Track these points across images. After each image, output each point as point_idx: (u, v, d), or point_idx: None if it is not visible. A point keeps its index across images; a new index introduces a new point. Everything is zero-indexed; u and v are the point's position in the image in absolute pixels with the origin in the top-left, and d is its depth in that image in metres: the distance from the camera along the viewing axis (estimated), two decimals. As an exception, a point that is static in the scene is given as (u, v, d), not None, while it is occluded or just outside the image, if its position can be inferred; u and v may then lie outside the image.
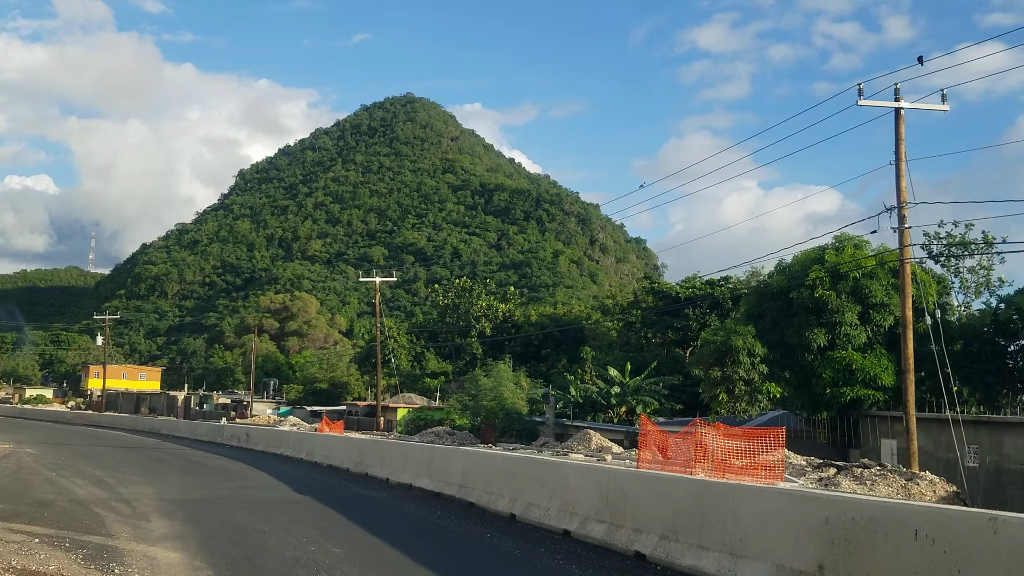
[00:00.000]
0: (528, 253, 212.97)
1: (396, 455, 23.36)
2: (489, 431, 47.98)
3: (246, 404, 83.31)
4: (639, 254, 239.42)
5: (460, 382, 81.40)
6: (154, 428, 56.81)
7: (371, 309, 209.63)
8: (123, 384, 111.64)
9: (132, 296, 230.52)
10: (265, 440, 37.83)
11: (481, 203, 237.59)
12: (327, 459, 29.21)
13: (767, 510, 8.91)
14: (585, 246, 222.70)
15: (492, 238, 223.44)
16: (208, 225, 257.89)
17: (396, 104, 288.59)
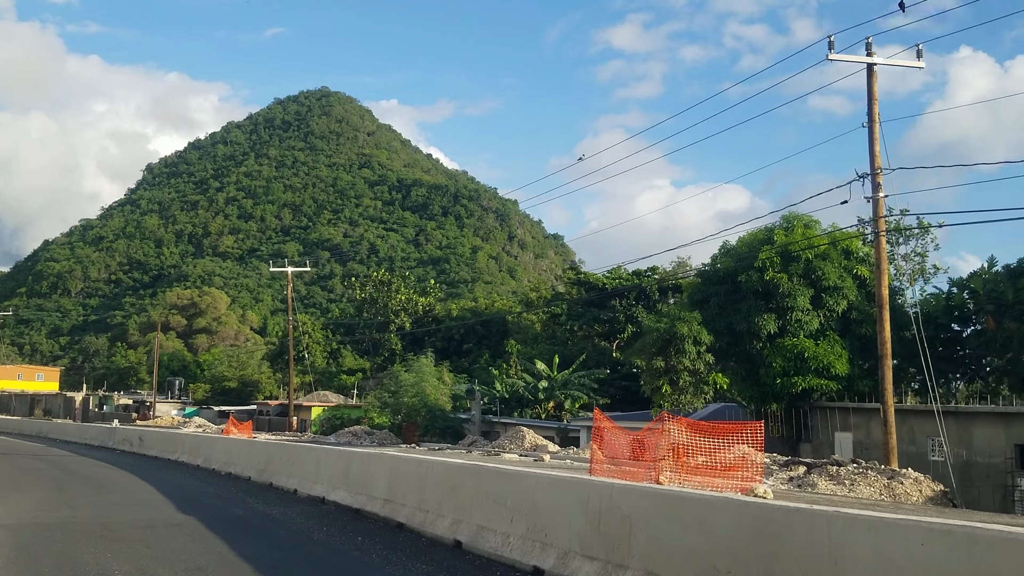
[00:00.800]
0: (446, 249, 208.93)
1: (306, 461, 19.42)
2: (411, 430, 44.08)
3: (149, 405, 77.41)
4: (557, 249, 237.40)
5: (379, 379, 77.10)
6: (42, 432, 51.19)
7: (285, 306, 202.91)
8: (18, 385, 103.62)
9: (33, 294, 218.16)
10: (159, 444, 33.24)
11: (399, 198, 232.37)
12: (227, 466, 25.04)
13: (893, 555, 5.47)
14: (503, 242, 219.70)
15: (410, 234, 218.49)
16: (114, 221, 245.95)
17: (311, 98, 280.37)
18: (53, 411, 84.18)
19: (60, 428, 49.08)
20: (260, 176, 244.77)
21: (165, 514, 15.62)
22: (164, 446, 32.54)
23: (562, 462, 29.38)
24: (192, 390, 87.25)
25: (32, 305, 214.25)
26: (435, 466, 13.15)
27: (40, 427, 51.97)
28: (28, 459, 31.64)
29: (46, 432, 50.34)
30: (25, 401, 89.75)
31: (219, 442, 27.56)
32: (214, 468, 25.98)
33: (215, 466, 26.04)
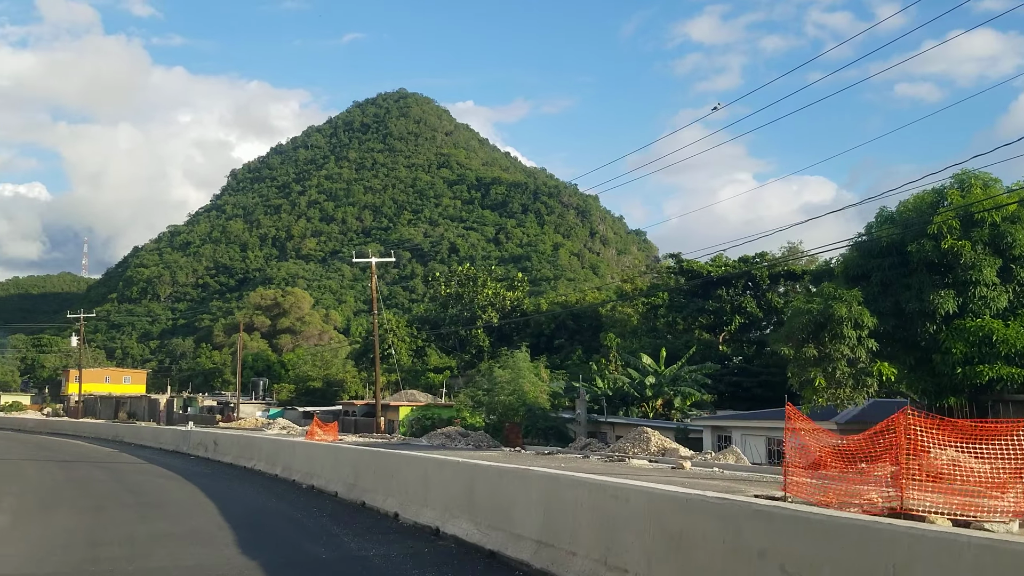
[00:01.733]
0: (527, 247, 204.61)
1: (410, 476, 14.61)
2: (514, 431, 39.19)
3: (232, 406, 74.43)
4: (640, 246, 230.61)
5: (468, 376, 72.63)
6: (118, 435, 47.98)
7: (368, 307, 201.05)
8: (106, 388, 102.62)
9: (124, 300, 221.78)
10: (235, 450, 29.03)
11: (478, 197, 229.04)
12: (309, 477, 20.51)
13: None
14: (585, 238, 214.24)
15: (490, 232, 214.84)
16: (200, 226, 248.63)
17: (389, 100, 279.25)
18: (138, 414, 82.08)
19: (136, 432, 45.80)
20: (341, 179, 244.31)
21: (220, 556, 10.95)
22: (239, 452, 28.31)
23: (708, 470, 24.10)
24: (276, 391, 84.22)
25: (123, 310, 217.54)
26: (632, 496, 8.09)
27: (117, 431, 48.84)
28: (88, 467, 27.77)
29: (122, 436, 47.12)
30: (111, 404, 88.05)
31: (300, 449, 23.03)
32: (294, 480, 21.48)
33: (295, 477, 21.54)
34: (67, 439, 49.88)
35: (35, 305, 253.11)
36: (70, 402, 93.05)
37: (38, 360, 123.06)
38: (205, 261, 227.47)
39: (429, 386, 73.15)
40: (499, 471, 11.31)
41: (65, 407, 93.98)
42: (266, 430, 56.78)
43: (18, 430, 62.04)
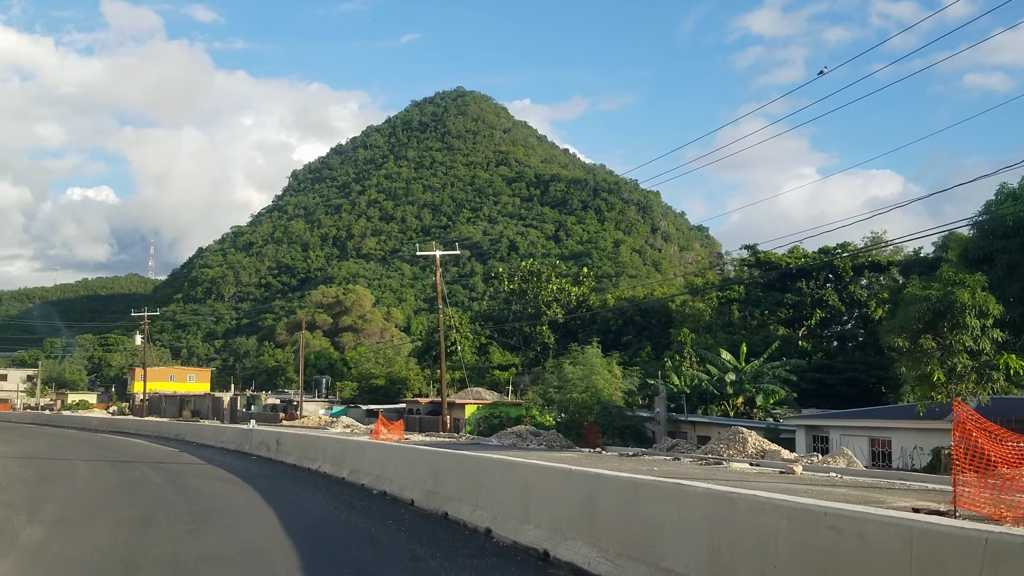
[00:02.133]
0: (588, 244, 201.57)
1: (504, 484, 12.23)
2: (594, 431, 36.62)
3: (296, 404, 73.19)
4: (702, 242, 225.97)
5: (534, 374, 70.24)
6: (180, 434, 46.64)
7: (429, 306, 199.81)
8: (170, 387, 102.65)
9: (189, 300, 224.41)
10: (298, 450, 27.04)
11: (537, 194, 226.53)
12: (380, 482, 18.31)
13: None
14: (647, 234, 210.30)
15: (550, 229, 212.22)
16: (263, 227, 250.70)
17: (447, 98, 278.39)
18: (201, 412, 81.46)
19: (198, 430, 44.37)
20: (400, 178, 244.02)
21: (280, 587, 8.70)
22: (303, 452, 26.29)
23: (824, 475, 21.30)
24: (339, 388, 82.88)
25: (188, 310, 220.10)
26: (869, 529, 5.52)
27: (179, 429, 47.53)
28: (144, 468, 26.02)
29: (183, 435, 45.75)
30: (175, 402, 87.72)
31: (369, 450, 20.80)
32: (363, 484, 19.29)
33: (364, 481, 19.35)
34: (129, 438, 48.77)
35: (103, 306, 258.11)
36: (135, 400, 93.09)
37: (105, 359, 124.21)
38: (267, 261, 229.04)
39: (494, 384, 70.96)
40: (633, 484, 8.81)
41: (131, 405, 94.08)
42: (329, 428, 55.13)
43: (82, 428, 61.44)
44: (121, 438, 48.11)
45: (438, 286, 51.01)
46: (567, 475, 10.37)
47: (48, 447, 38.06)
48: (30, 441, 42.55)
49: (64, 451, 35.34)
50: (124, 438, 48.22)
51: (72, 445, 39.73)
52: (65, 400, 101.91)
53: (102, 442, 42.98)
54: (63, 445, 39.72)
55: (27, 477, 22.78)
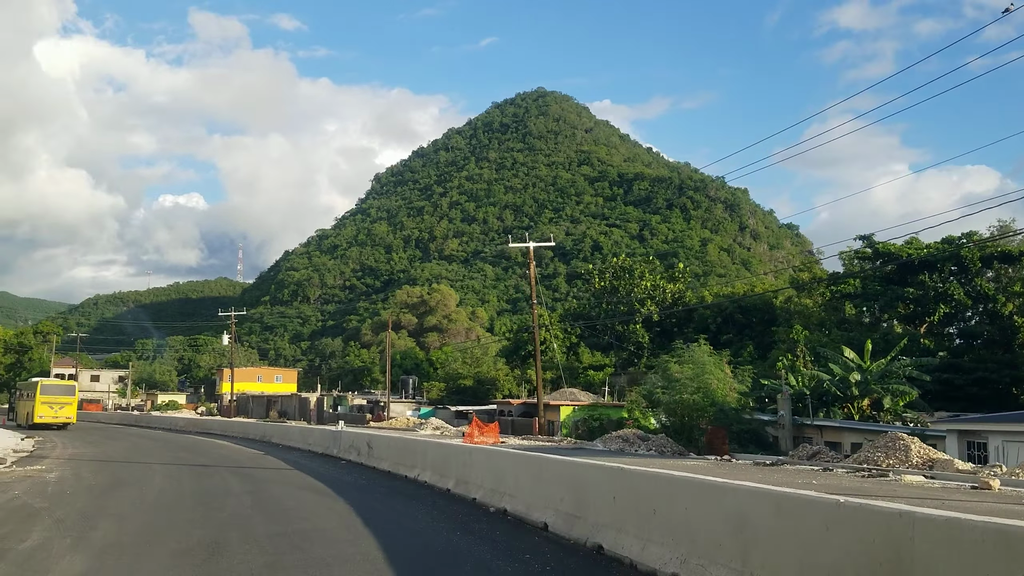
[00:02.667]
0: (674, 243, 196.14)
1: (698, 515, 8.66)
2: (719, 436, 32.71)
3: (383, 405, 70.82)
4: (793, 240, 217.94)
5: (630, 374, 66.45)
6: (266, 436, 44.35)
7: (511, 307, 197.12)
8: (257, 387, 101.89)
9: (276, 302, 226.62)
10: (392, 455, 23.95)
11: (620, 194, 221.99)
12: (496, 497, 14.98)
13: None
14: (735, 233, 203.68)
15: (634, 229, 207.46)
16: (347, 230, 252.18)
17: (527, 99, 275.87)
18: (288, 412, 79.89)
19: (284, 431, 41.98)
20: (481, 179, 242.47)
21: None
22: (398, 457, 23.18)
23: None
24: (426, 389, 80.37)
25: (275, 312, 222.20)
26: None
27: (265, 430, 45.29)
28: (225, 474, 23.26)
29: (270, 436, 43.42)
30: (262, 403, 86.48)
31: (479, 457, 17.42)
32: (475, 499, 15.98)
33: (476, 495, 16.04)
34: (214, 439, 46.73)
35: (194, 309, 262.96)
36: (223, 401, 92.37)
37: (194, 360, 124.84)
38: (352, 263, 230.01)
39: (588, 385, 67.36)
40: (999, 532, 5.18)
41: (219, 406, 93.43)
42: (419, 430, 52.33)
43: (168, 429, 60.03)
44: (206, 440, 46.11)
45: (531, 279, 47.63)
46: (825, 508, 6.74)
47: (128, 449, 36.01)
48: (112, 443, 40.72)
49: (144, 453, 33.15)
50: (209, 439, 46.21)
51: (153, 447, 37.65)
52: (155, 401, 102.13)
53: (185, 444, 40.90)
54: (144, 447, 37.68)
55: (95, 484, 20.21)
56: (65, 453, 32.74)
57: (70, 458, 30.19)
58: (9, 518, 14.25)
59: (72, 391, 55.86)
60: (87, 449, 35.23)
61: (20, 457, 29.97)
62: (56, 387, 55.53)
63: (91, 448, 36.04)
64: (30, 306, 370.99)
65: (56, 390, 54.94)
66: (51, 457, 30.36)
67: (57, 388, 55.37)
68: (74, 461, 28.43)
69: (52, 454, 32.02)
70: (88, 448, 36.08)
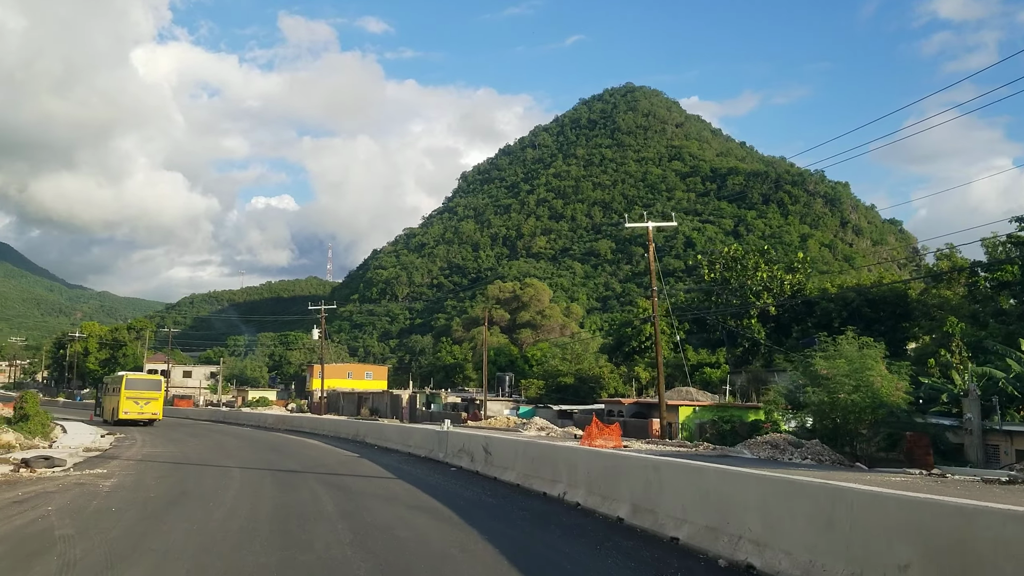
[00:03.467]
0: (771, 239, 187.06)
1: None
2: (920, 444, 26.74)
3: (479, 403, 66.13)
4: (897, 236, 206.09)
5: (752, 372, 60.22)
6: (359, 435, 39.91)
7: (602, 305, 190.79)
8: (347, 384, 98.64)
9: (365, 300, 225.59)
10: (523, 463, 18.80)
11: (713, 189, 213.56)
12: (719, 540, 9.67)
13: None
14: (836, 228, 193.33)
15: (728, 225, 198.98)
16: (434, 228, 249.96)
17: (616, 95, 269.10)
18: (380, 410, 75.96)
19: (380, 431, 37.48)
20: (569, 176, 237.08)
21: None
22: (530, 467, 18.04)
23: None
24: (523, 387, 75.32)
25: (364, 311, 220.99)
26: None
27: (358, 429, 40.90)
28: (314, 485, 18.48)
29: (364, 435, 38.96)
30: (353, 400, 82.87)
31: (669, 474, 11.98)
32: (677, 539, 10.65)
33: (679, 534, 10.71)
34: (303, 437, 42.58)
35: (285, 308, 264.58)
36: (313, 398, 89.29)
37: (285, 356, 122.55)
38: (439, 262, 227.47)
39: (705, 383, 61.24)
40: None
41: (309, 403, 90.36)
42: (522, 430, 47.35)
43: (257, 426, 56.39)
44: (295, 438, 41.99)
45: (651, 262, 42.15)
46: None
47: (210, 449, 31.91)
48: (195, 441, 36.83)
49: (225, 454, 28.93)
50: (298, 438, 42.08)
51: (237, 447, 33.50)
52: (245, 397, 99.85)
53: (273, 443, 36.71)
54: (228, 446, 33.57)
55: (153, 498, 15.68)
56: (140, 453, 28.84)
57: (142, 459, 26.17)
58: (6, 556, 9.67)
59: (158, 386, 52.65)
60: (166, 448, 31.36)
61: (88, 458, 26.10)
62: (142, 381, 52.37)
63: (170, 447, 32.15)
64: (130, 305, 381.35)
65: (142, 385, 51.80)
66: (122, 458, 26.41)
67: (143, 383, 52.21)
68: (144, 463, 24.32)
69: (125, 454, 28.15)
70: (167, 447, 32.21)
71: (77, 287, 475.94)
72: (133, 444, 33.64)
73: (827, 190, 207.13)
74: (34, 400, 38.81)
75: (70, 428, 41.89)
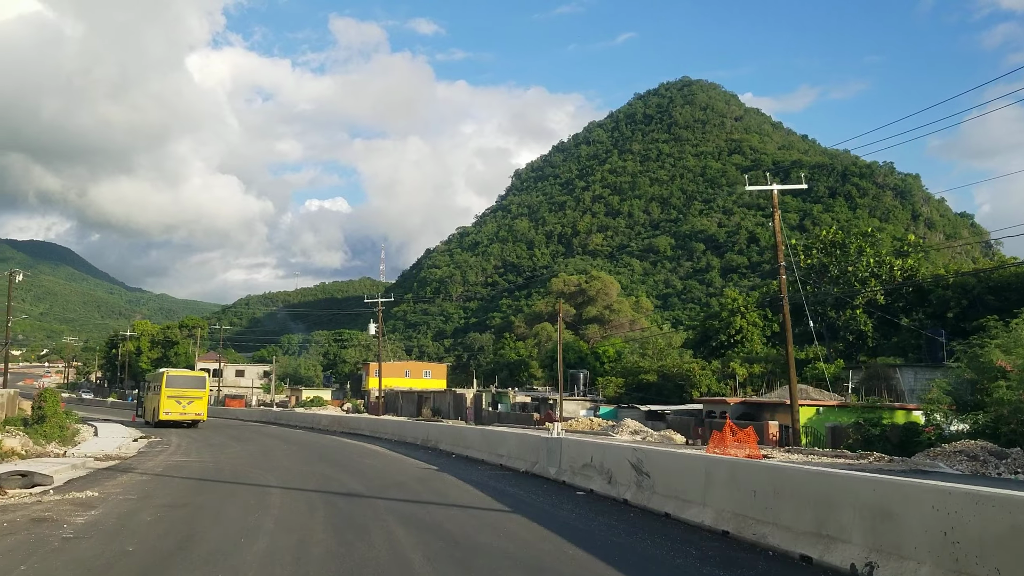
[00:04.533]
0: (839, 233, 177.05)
1: None
2: None
3: (551, 403, 59.15)
4: (970, 229, 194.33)
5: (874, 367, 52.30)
6: (428, 438, 33.16)
7: (662, 303, 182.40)
8: (405, 383, 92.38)
9: (419, 300, 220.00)
10: (721, 494, 11.65)
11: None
12: None
13: None
14: (907, 222, 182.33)
15: (793, 219, 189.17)
16: (487, 226, 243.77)
17: (672, 89, 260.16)
18: (442, 411, 69.34)
19: (457, 435, 30.71)
20: (625, 172, 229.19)
21: None
22: (752, 506, 10.92)
23: None
24: (600, 385, 67.96)
25: (418, 310, 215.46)
26: None
27: (427, 432, 34.19)
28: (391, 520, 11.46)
29: (434, 439, 32.19)
30: (412, 400, 76.32)
31: None
32: None
33: None
34: (363, 442, 35.93)
35: (339, 308, 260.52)
36: (370, 397, 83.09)
37: (339, 355, 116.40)
38: (493, 260, 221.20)
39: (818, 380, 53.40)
40: None
41: (366, 403, 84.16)
42: (612, 434, 40.23)
43: (310, 428, 50.05)
44: (353, 443, 35.37)
45: (776, 229, 34.96)
46: None
47: (251, 457, 25.36)
48: (236, 447, 30.41)
49: (268, 465, 22.29)
50: (356, 443, 35.46)
51: (285, 454, 26.93)
52: (299, 397, 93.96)
53: (327, 449, 30.08)
54: (274, 454, 27.01)
55: (132, 552, 8.94)
56: (164, 463, 22.46)
57: (161, 473, 19.72)
58: None
59: (202, 383, 46.53)
60: (199, 456, 25.01)
61: (92, 472, 19.79)
62: (183, 379, 46.32)
63: (205, 454, 25.79)
64: (188, 307, 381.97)
65: (183, 382, 45.77)
66: (137, 471, 20.02)
67: (184, 380, 46.16)
68: (159, 481, 17.80)
69: (145, 464, 21.79)
70: (201, 454, 25.87)
71: (136, 290, 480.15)
72: (164, 450, 27.40)
73: (897, 182, 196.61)
74: (54, 399, 32.94)
75: (105, 431, 36.12)
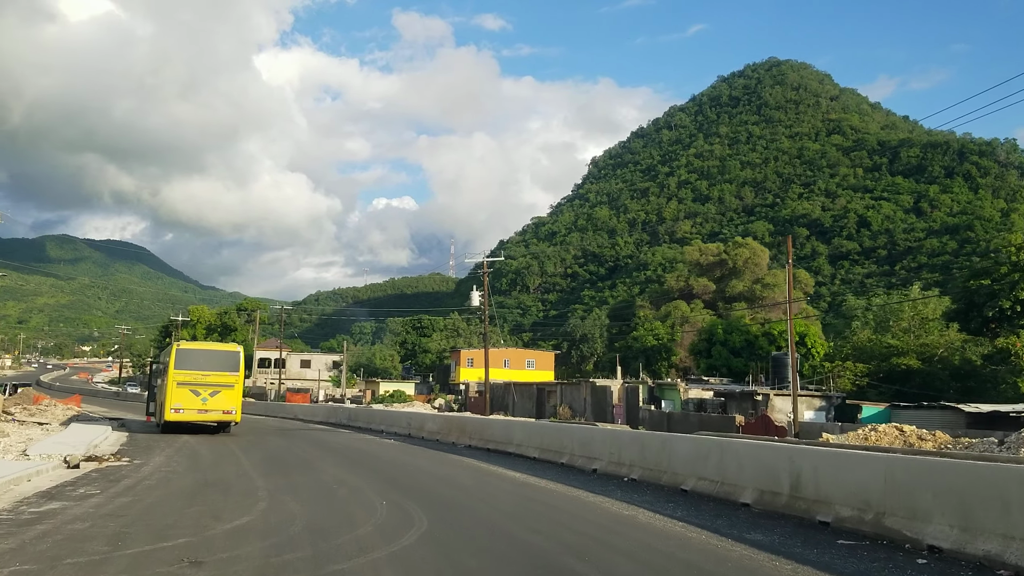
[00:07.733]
0: (962, 215, 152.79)
1: None
2: None
3: (759, 397, 37.90)
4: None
5: None
6: (621, 459, 12.70)
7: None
8: (504, 374, 72.06)
9: (494, 292, 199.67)
10: None
11: (884, 163, 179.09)
12: None
13: None
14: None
15: (907, 201, 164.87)
16: (564, 216, 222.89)
17: (759, 70, 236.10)
18: (575, 408, 48.56)
19: (612, 443, 10.49)
20: (712, 156, 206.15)
21: None
22: None
23: None
24: (830, 373, 45.86)
25: (493, 303, 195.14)
26: None
27: (597, 446, 13.85)
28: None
29: (630, 460, 11.79)
30: (528, 394, 55.62)
31: None
32: None
33: None
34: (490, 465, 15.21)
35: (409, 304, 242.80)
36: (468, 391, 63.00)
37: (420, 344, 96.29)
38: (572, 250, 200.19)
39: None
40: None
41: (463, 398, 63.98)
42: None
43: (406, 436, 29.63)
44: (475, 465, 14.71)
45: None
46: None
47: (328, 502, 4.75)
48: (265, 481, 9.86)
49: None
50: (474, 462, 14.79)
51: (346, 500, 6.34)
52: (375, 391, 73.95)
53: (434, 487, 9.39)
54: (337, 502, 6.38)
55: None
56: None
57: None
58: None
59: (233, 362, 26.31)
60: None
61: None
62: (203, 355, 26.43)
63: (196, 509, 5.21)
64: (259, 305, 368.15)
65: (203, 361, 25.87)
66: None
67: (205, 357, 26.19)
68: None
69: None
70: (163, 514, 5.27)
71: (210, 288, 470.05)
72: (64, 512, 7.13)
73: (1022, 160, 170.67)
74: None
75: (65, 437, 16.95)
